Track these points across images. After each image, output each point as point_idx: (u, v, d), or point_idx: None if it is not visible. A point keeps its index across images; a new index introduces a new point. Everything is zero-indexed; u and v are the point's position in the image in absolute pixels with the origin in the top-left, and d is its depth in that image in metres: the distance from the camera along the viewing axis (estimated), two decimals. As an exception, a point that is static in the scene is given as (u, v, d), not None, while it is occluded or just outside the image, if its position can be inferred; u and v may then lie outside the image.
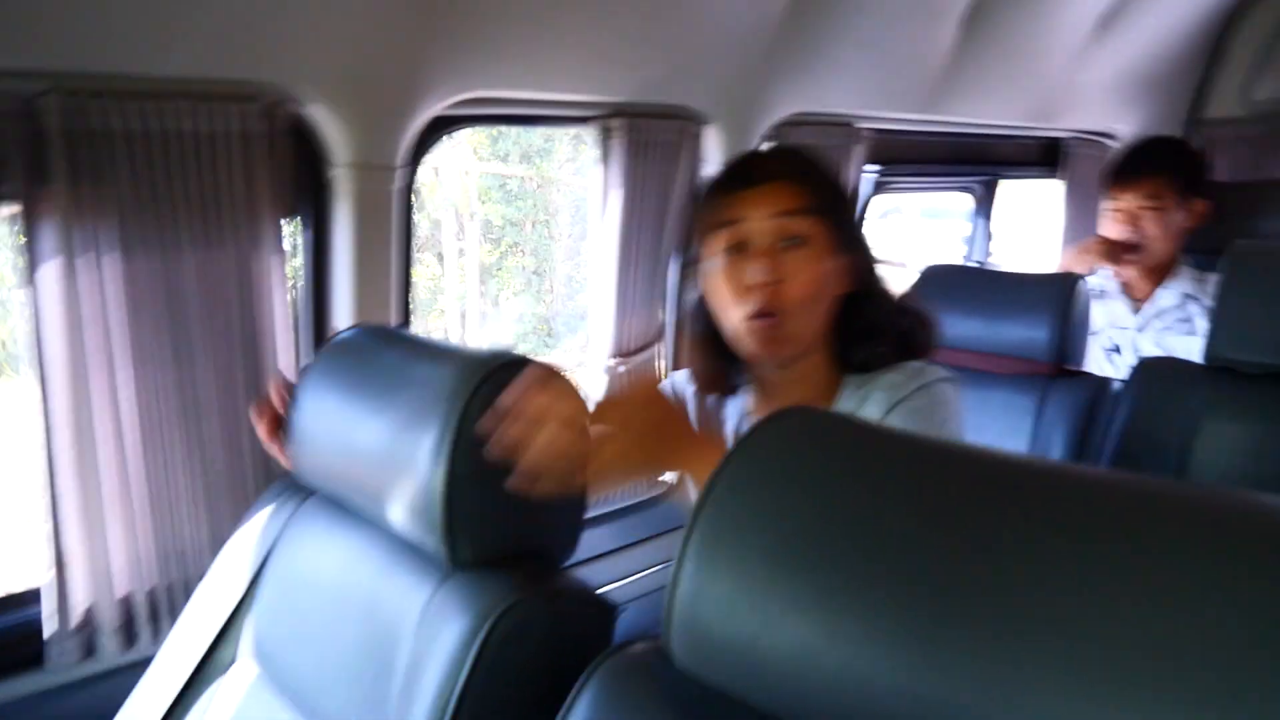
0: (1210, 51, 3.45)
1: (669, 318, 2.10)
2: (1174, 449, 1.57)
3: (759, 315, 1.14)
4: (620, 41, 1.70)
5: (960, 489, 0.54)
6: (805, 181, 1.18)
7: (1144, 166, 2.36)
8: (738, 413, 1.36)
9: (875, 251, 1.26)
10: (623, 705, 0.70)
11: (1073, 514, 0.51)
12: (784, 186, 1.17)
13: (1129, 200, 2.35)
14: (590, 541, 1.97)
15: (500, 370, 0.93)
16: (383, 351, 1.06)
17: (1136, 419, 1.63)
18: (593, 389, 2.01)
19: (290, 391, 1.15)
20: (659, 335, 2.07)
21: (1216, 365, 1.59)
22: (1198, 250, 2.52)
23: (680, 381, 1.43)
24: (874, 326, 1.22)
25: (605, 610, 0.95)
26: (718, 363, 1.29)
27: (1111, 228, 2.40)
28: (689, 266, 1.30)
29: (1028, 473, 0.55)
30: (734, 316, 1.18)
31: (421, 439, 0.92)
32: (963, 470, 0.56)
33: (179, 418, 1.39)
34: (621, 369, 2.01)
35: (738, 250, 1.17)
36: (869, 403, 1.20)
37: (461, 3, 1.44)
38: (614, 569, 2.02)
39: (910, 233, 5.51)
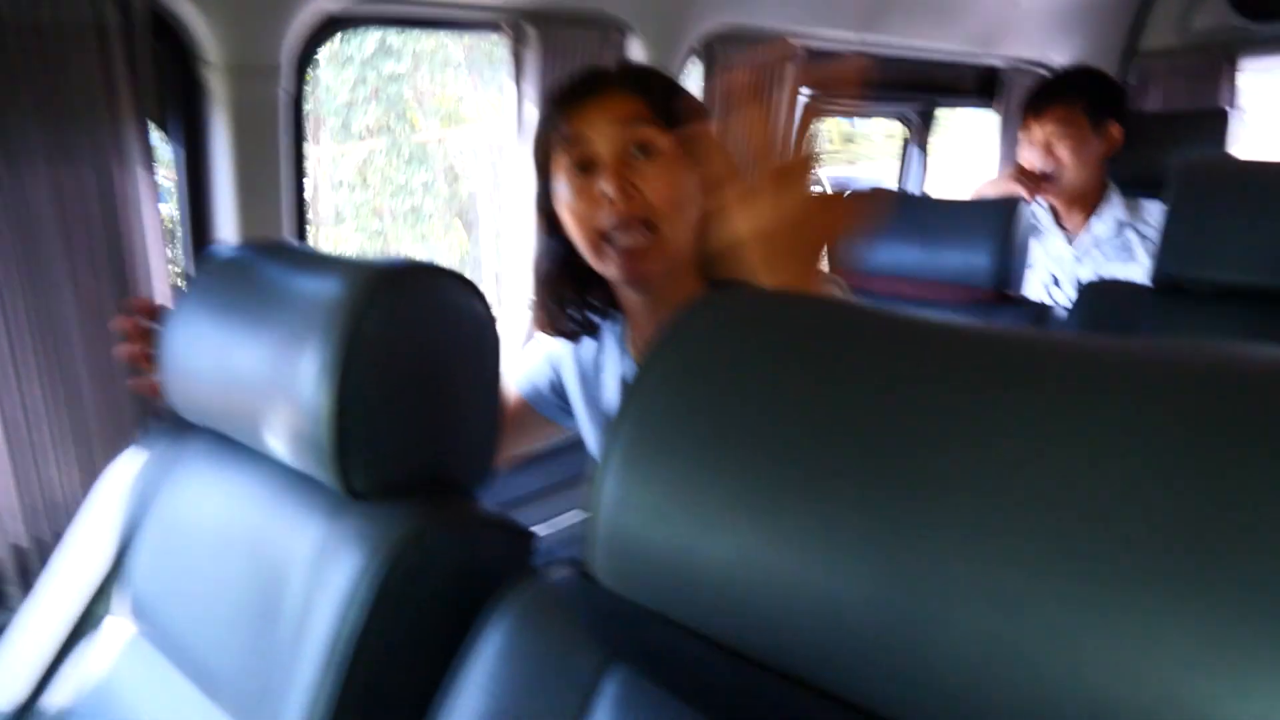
0: (1149, -19, 3.39)
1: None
2: None
3: (619, 230, 1.06)
4: (530, -65, 1.55)
5: (919, 363, 0.44)
6: (649, 91, 1.09)
7: (1055, 95, 2.36)
8: (611, 361, 1.25)
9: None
10: (540, 633, 0.62)
11: (1053, 388, 0.41)
12: (626, 95, 1.08)
13: (1041, 128, 2.34)
14: (511, 488, 1.86)
15: (400, 277, 0.81)
16: (265, 267, 0.92)
17: None
18: (515, 326, 1.89)
19: (156, 317, 1.01)
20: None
21: (1164, 286, 1.54)
22: (1126, 180, 2.48)
23: (548, 346, 1.32)
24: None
25: (522, 537, 0.85)
26: (576, 304, 1.20)
27: (1027, 157, 2.38)
28: (540, 201, 1.16)
29: (997, 342, 0.45)
30: (595, 240, 1.08)
31: (307, 357, 0.80)
32: (921, 342, 0.46)
33: (39, 353, 1.24)
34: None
35: (586, 169, 1.08)
36: None
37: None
38: (536, 515, 1.91)
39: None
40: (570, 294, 1.19)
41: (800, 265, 0.84)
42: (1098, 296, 1.61)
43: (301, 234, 1.52)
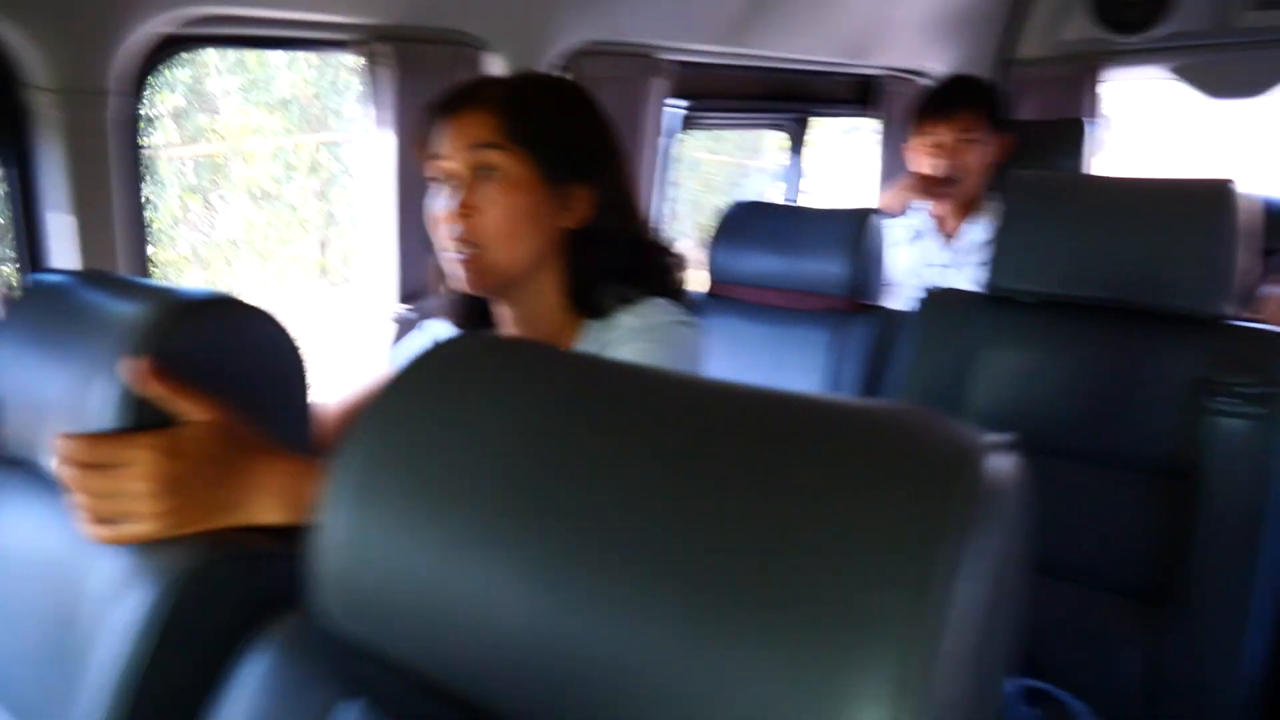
0: (1020, -9, 3.52)
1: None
2: (956, 378, 1.59)
3: (453, 249, 1.14)
4: (379, -44, 1.57)
5: (602, 412, 0.50)
6: (506, 110, 1.14)
7: (956, 101, 2.44)
8: None
9: (620, 179, 1.22)
10: (283, 669, 0.65)
11: (704, 432, 0.47)
12: (479, 115, 1.14)
13: (943, 134, 2.41)
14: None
15: (196, 308, 0.83)
16: (82, 295, 0.93)
17: (922, 350, 1.63)
18: (379, 341, 1.90)
19: None
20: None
21: (997, 295, 1.60)
22: (990, 188, 2.60)
23: (435, 326, 1.38)
24: (603, 267, 1.19)
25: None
26: (463, 297, 1.27)
27: (923, 162, 2.45)
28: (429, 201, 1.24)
29: (680, 393, 0.51)
30: (443, 246, 1.16)
31: (102, 389, 0.81)
32: (609, 392, 0.52)
33: None
34: (414, 315, 1.90)
35: (444, 182, 1.16)
36: (604, 338, 1.17)
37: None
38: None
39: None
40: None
41: None
42: (937, 304, 1.68)
43: (140, 259, 1.51)
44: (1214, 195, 1.44)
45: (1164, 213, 1.47)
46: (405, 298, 1.90)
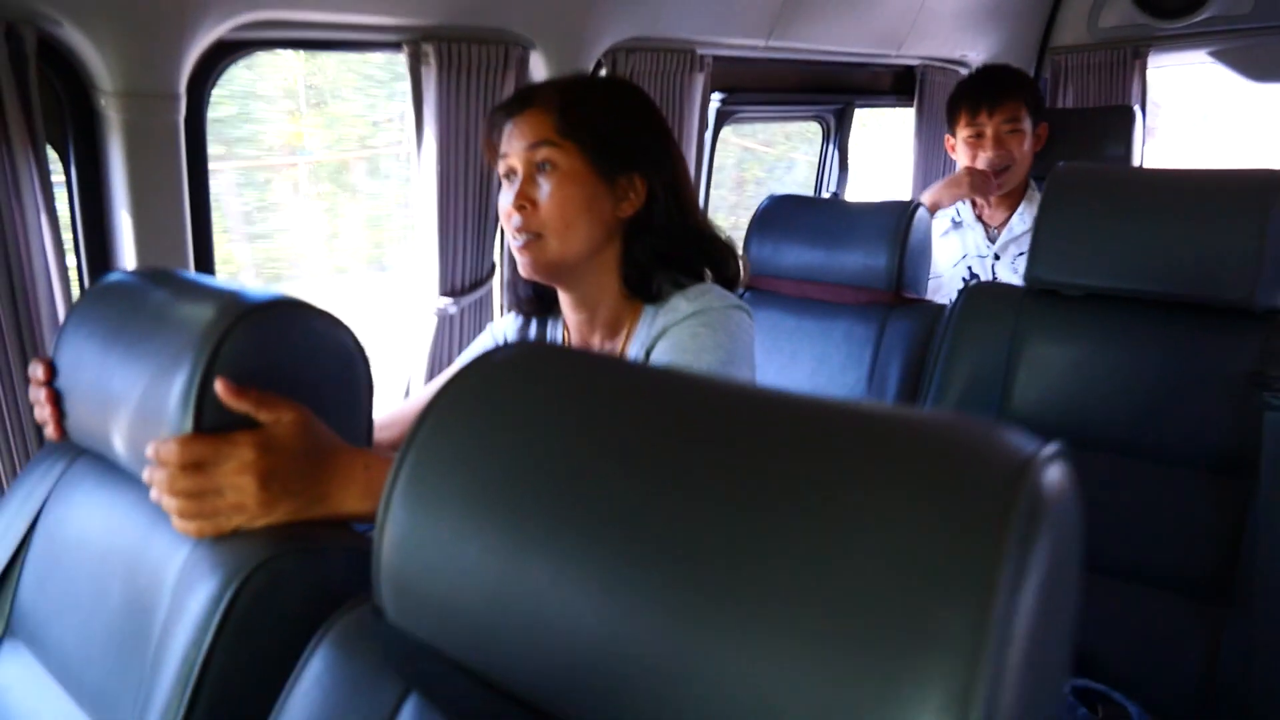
0: (1061, -23, 3.50)
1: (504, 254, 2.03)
2: (998, 373, 1.58)
3: (514, 238, 1.25)
4: (427, -43, 1.60)
5: (659, 422, 0.52)
6: (560, 108, 1.24)
7: (1001, 91, 2.45)
8: (553, 341, 1.41)
9: (672, 172, 1.29)
10: (350, 660, 0.67)
11: (763, 447, 0.48)
12: (537, 115, 1.25)
13: (994, 125, 2.43)
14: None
15: (261, 310, 0.87)
16: (149, 295, 0.97)
17: (960, 345, 1.63)
18: (420, 333, 1.94)
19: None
20: (491, 272, 2.00)
21: (1037, 289, 1.60)
22: (1040, 176, 2.59)
23: (500, 324, 1.48)
24: (658, 254, 1.27)
25: (369, 557, 0.90)
26: (527, 285, 1.39)
27: (974, 156, 2.46)
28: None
29: (734, 403, 0.52)
30: (511, 235, 1.26)
31: (172, 387, 0.85)
32: (666, 402, 0.53)
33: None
34: (454, 310, 1.94)
35: (508, 177, 1.27)
36: (659, 320, 1.25)
37: (235, -87, 1.33)
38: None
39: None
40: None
41: None
42: (975, 299, 1.68)
43: (206, 258, 1.56)
44: (1262, 186, 1.42)
45: (1211, 204, 1.45)
46: (446, 291, 1.94)
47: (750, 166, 4.39)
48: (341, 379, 0.95)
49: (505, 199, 1.26)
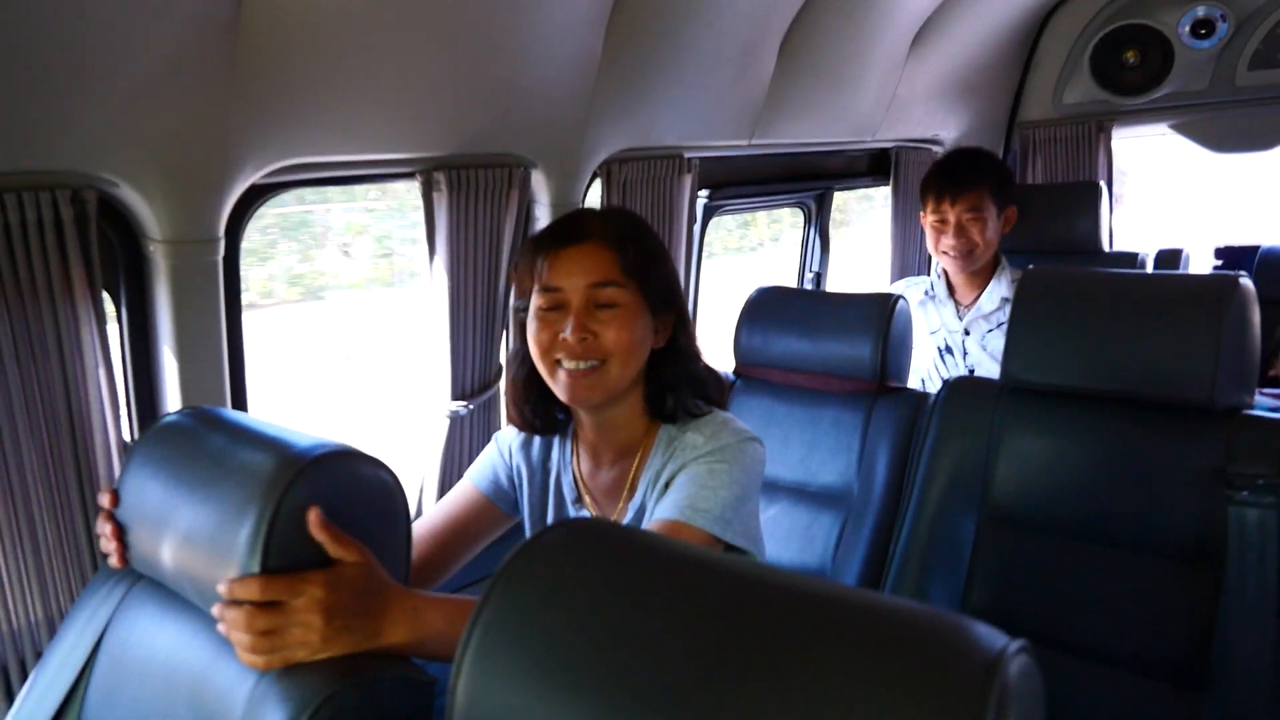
0: (1025, 57, 3.73)
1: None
2: (979, 464, 1.68)
3: (573, 365, 1.32)
4: (438, 98, 1.77)
5: (690, 605, 0.63)
6: (622, 246, 1.34)
7: (964, 179, 2.61)
8: (558, 462, 1.50)
9: (686, 306, 1.44)
10: None
11: (774, 631, 0.60)
12: (600, 251, 1.33)
13: (956, 213, 2.59)
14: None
15: (321, 460, 1.00)
16: (207, 436, 1.10)
17: (943, 438, 1.74)
18: (431, 434, 2.09)
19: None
20: (498, 376, 2.15)
21: (1013, 386, 1.69)
22: (1014, 250, 2.79)
23: (504, 436, 1.56)
24: (680, 378, 1.40)
25: (423, 689, 1.02)
26: (538, 404, 1.46)
27: (937, 240, 2.64)
28: (516, 313, 1.46)
29: (753, 588, 0.64)
30: (549, 364, 1.34)
31: (240, 530, 0.97)
32: (694, 586, 0.66)
33: (6, 504, 1.42)
34: (464, 412, 2.10)
35: (555, 309, 1.34)
36: (678, 451, 1.36)
37: (269, 74, 1.49)
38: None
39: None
40: (533, 394, 1.46)
41: None
42: (956, 392, 1.80)
43: (240, 392, 1.72)
44: (1218, 291, 1.50)
45: (1169, 308, 1.53)
46: (458, 395, 2.09)
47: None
48: (385, 517, 1.09)
49: (548, 331, 1.33)
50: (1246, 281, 1.53)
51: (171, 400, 1.60)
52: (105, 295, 1.54)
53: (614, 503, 1.45)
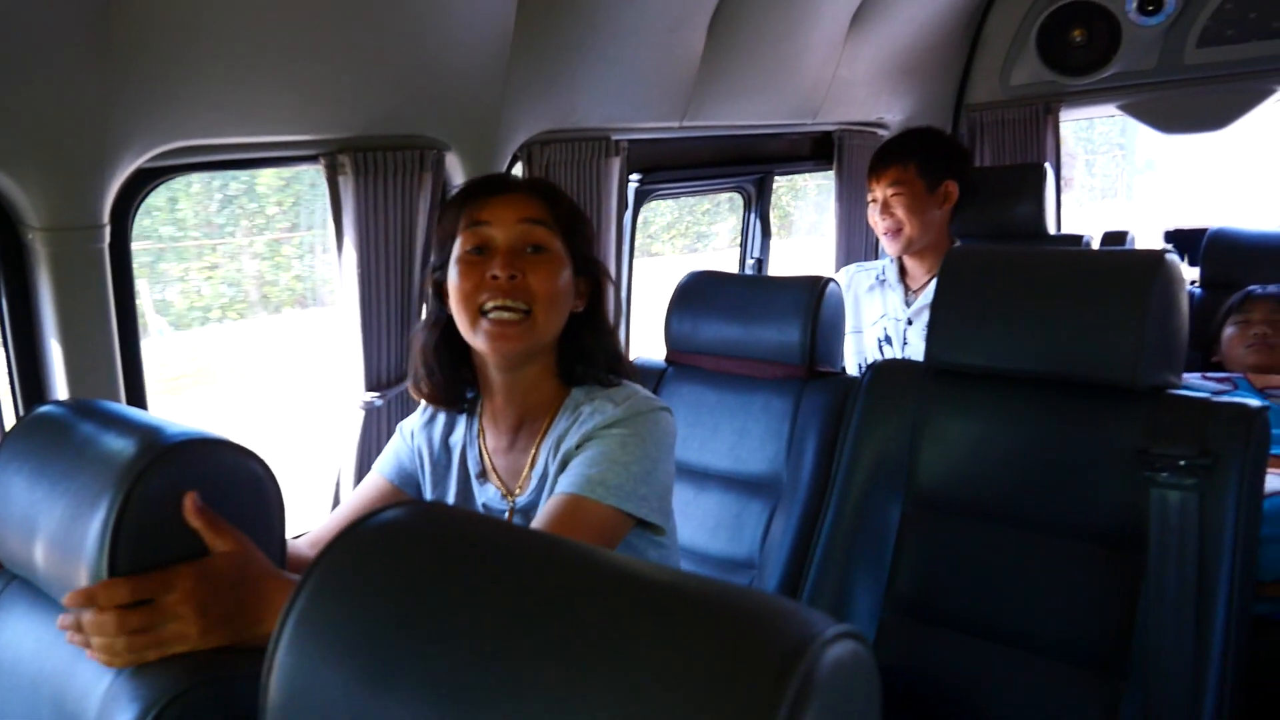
0: (971, 37, 3.76)
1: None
2: (904, 448, 1.70)
3: (499, 312, 1.32)
4: (339, 77, 1.76)
5: (505, 585, 0.63)
6: (548, 198, 1.39)
7: (890, 157, 2.65)
8: (463, 438, 1.51)
9: (608, 280, 1.47)
10: None
11: (583, 612, 0.60)
12: (526, 198, 1.38)
13: (881, 190, 2.63)
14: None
15: (173, 450, 0.98)
16: (76, 427, 1.08)
17: (868, 422, 1.75)
18: (346, 428, 2.08)
19: None
20: (417, 366, 2.14)
21: (936, 368, 1.70)
22: (959, 235, 2.80)
23: (406, 423, 1.57)
24: (595, 347, 1.43)
25: None
26: (448, 372, 1.47)
27: (874, 221, 2.67)
28: (431, 273, 1.45)
29: (572, 567, 0.64)
30: (473, 312, 1.34)
31: (91, 522, 0.95)
32: (514, 567, 0.65)
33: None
34: (379, 404, 2.08)
35: (481, 252, 1.35)
36: (584, 417, 1.37)
37: (149, 52, 1.48)
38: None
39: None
40: (443, 360, 1.46)
41: None
42: (880, 375, 1.81)
43: (136, 381, 1.69)
44: (1142, 267, 1.51)
45: (1093, 286, 1.54)
46: (372, 386, 2.08)
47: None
48: (255, 508, 1.07)
49: (473, 276, 1.34)
50: (1173, 258, 1.53)
51: (60, 393, 1.57)
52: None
53: (517, 476, 1.45)
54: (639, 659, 0.54)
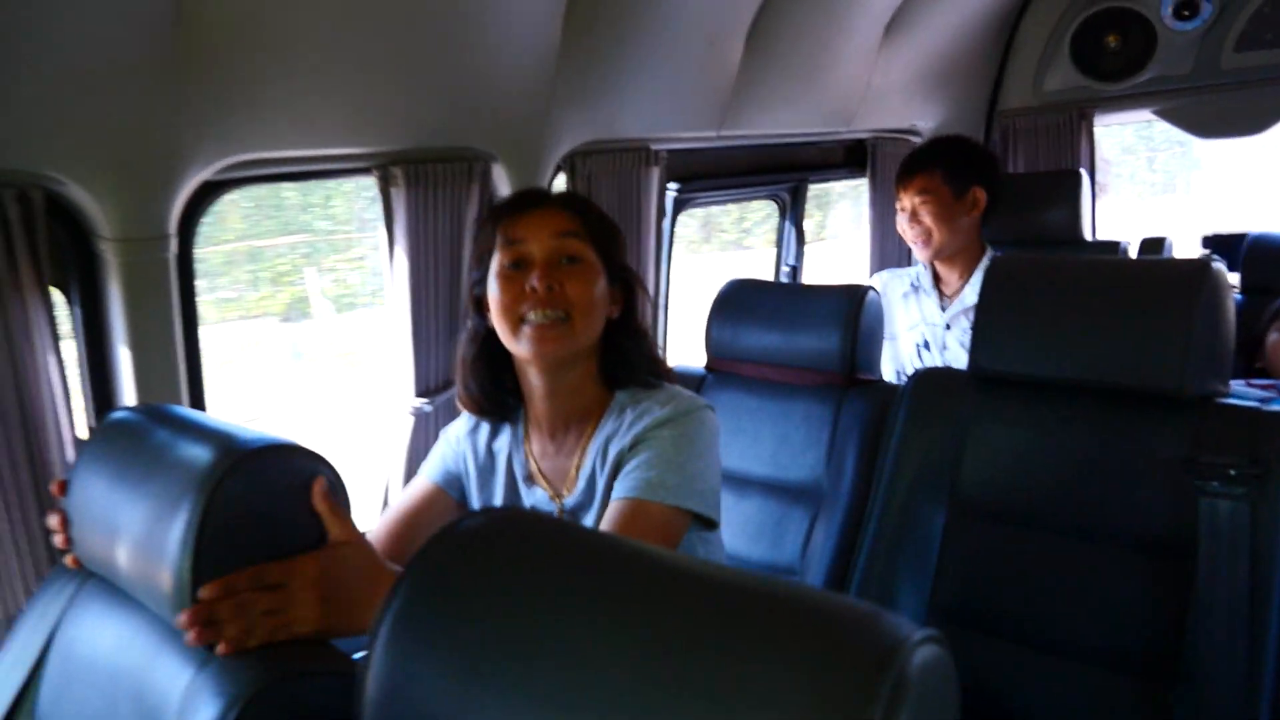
0: (1004, 43, 3.78)
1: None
2: (948, 456, 1.72)
3: (540, 316, 1.38)
4: (392, 92, 1.82)
5: (602, 593, 0.66)
6: (580, 211, 1.45)
7: (916, 165, 2.69)
8: (508, 444, 1.56)
9: (641, 287, 1.53)
10: None
11: (683, 621, 0.62)
12: (558, 212, 1.44)
13: (909, 198, 2.68)
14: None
15: (254, 455, 1.02)
16: (152, 432, 1.13)
17: (911, 429, 1.78)
18: (397, 432, 2.13)
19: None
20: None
21: (980, 377, 1.71)
22: (993, 241, 2.83)
23: (451, 428, 1.62)
24: (634, 351, 1.49)
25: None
26: (489, 383, 1.53)
27: (901, 226, 2.72)
28: (472, 288, 1.51)
29: (662, 575, 0.67)
30: (513, 321, 1.41)
31: (174, 525, 0.99)
32: (608, 574, 0.68)
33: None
34: (429, 409, 2.14)
35: (519, 266, 1.42)
36: (632, 419, 1.43)
37: (214, 69, 1.54)
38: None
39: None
40: (485, 372, 1.53)
41: None
42: (923, 384, 1.84)
43: (198, 387, 1.76)
44: (1189, 276, 1.50)
45: (1140, 294, 1.55)
46: (421, 392, 2.14)
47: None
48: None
49: (512, 289, 1.40)
50: (1219, 266, 1.53)
51: (128, 398, 1.64)
52: (59, 293, 1.59)
53: (564, 479, 1.50)
54: (732, 667, 0.56)
